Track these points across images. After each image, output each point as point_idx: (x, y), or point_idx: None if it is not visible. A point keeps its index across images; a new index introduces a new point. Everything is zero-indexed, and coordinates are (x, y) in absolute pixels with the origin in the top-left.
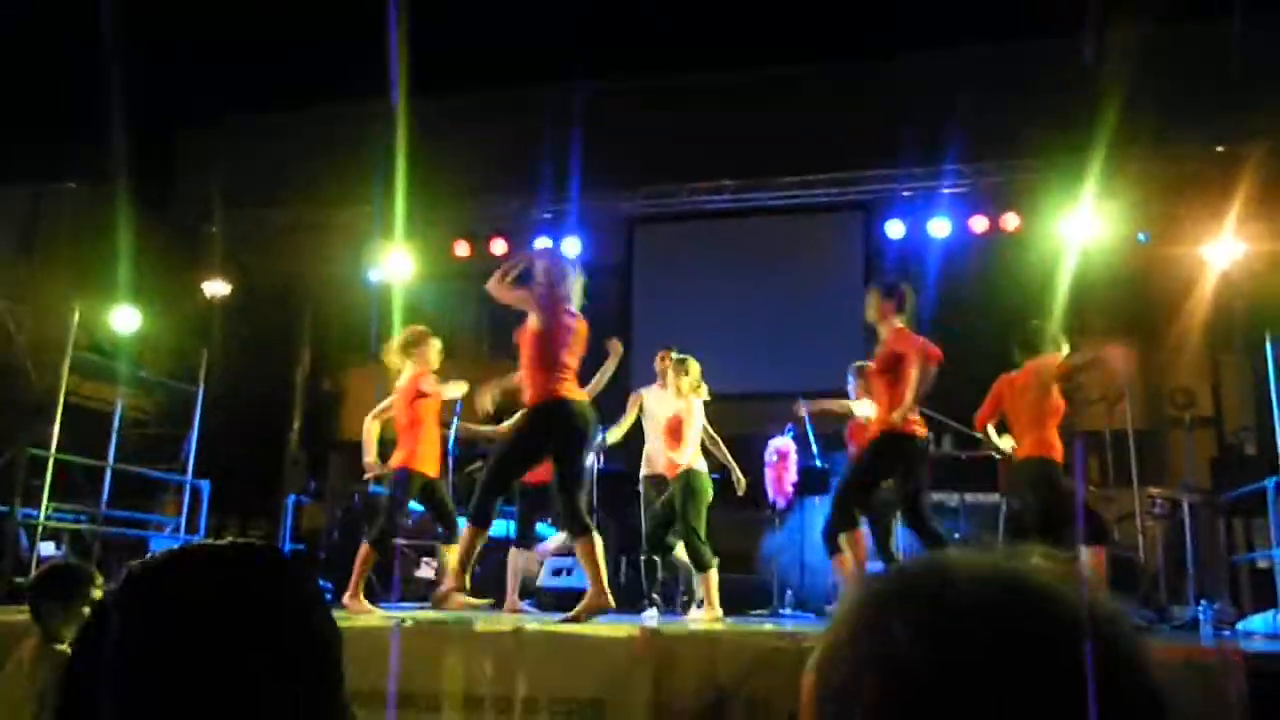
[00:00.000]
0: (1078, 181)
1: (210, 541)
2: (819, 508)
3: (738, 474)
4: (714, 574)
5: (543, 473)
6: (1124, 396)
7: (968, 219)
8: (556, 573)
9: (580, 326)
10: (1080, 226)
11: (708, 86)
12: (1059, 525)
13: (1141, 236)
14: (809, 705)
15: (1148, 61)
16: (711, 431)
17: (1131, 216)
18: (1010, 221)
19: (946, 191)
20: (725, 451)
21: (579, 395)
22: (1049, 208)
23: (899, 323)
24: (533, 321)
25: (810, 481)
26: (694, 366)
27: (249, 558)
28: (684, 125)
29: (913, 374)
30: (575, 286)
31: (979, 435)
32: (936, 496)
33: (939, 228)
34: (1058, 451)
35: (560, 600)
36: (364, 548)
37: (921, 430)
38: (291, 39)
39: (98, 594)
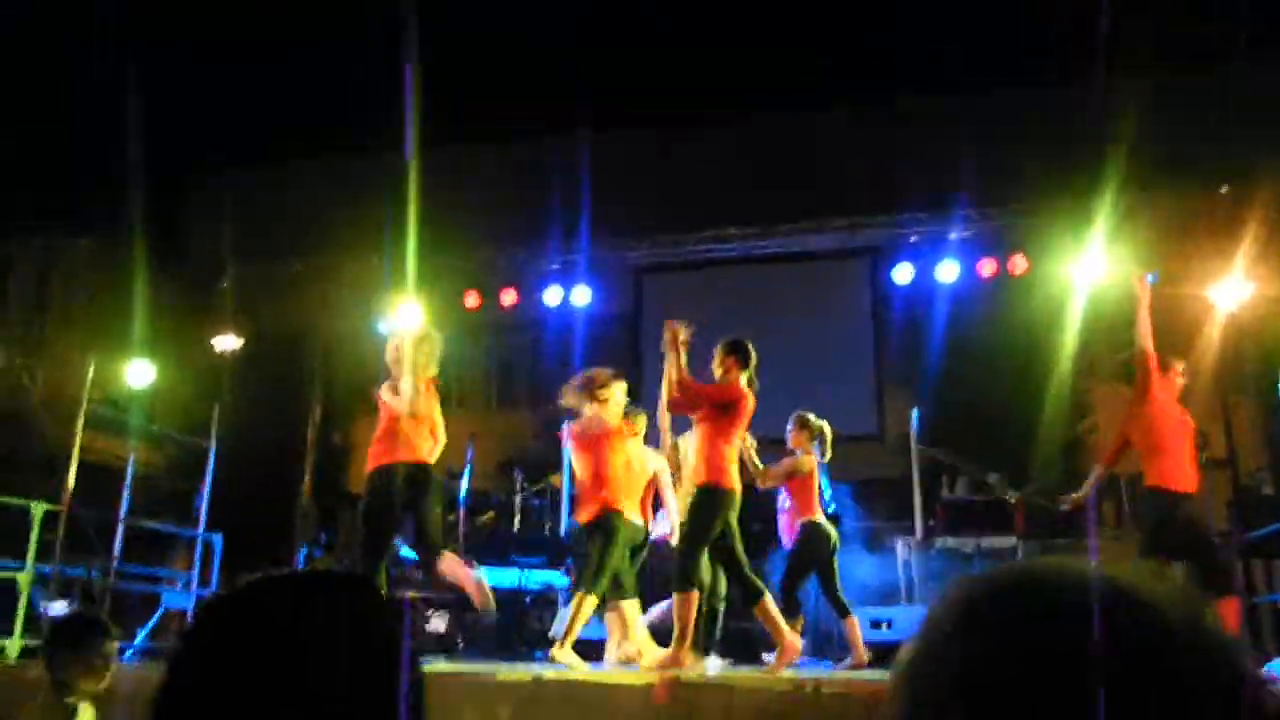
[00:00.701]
0: (1085, 224)
1: (298, 570)
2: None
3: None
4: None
5: None
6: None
7: (975, 263)
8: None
9: None
10: (1088, 269)
11: (714, 135)
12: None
13: (1150, 277)
14: (900, 699)
15: (1154, 104)
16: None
17: (1140, 258)
18: (1018, 265)
19: (953, 236)
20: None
21: None
22: (1057, 251)
23: (739, 379)
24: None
25: None
26: (641, 420)
27: (340, 586)
28: (691, 174)
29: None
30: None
31: (990, 480)
32: (953, 543)
33: (947, 272)
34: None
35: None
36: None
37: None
38: (300, 92)
39: (112, 646)
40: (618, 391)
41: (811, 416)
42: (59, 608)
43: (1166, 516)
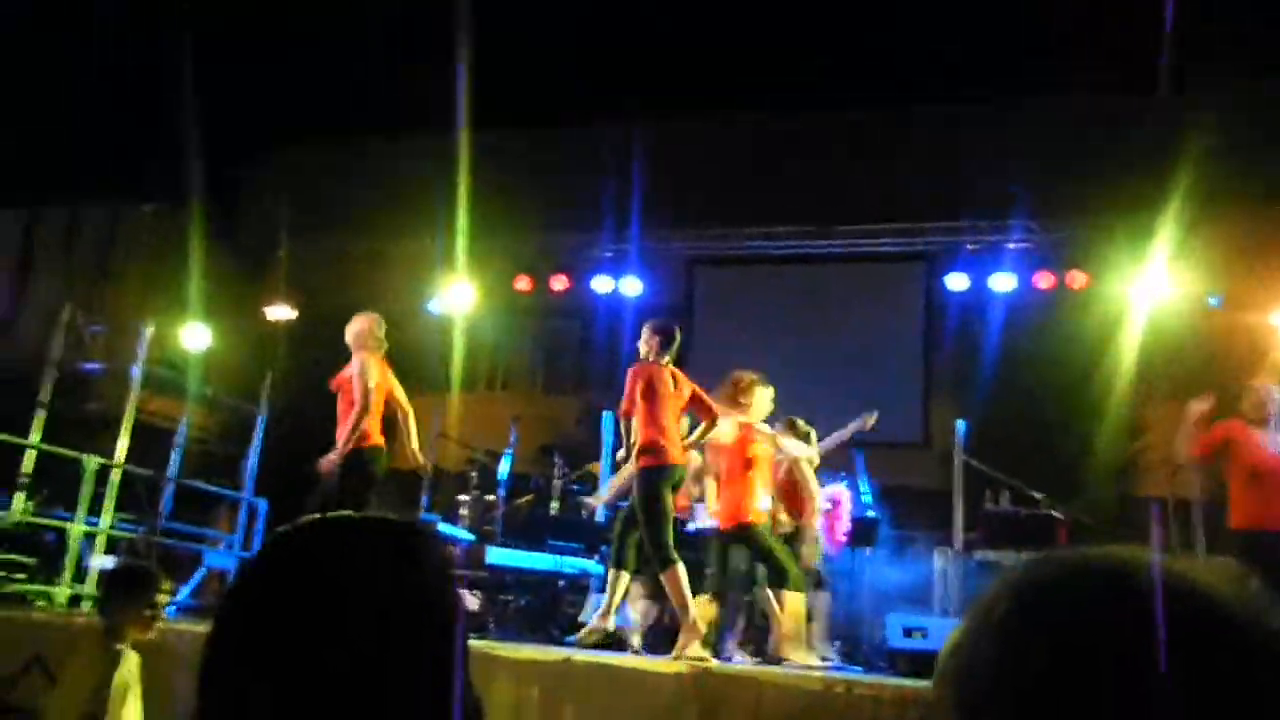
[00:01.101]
0: (1147, 241)
1: (354, 514)
2: (870, 558)
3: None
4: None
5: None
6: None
7: (1032, 275)
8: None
9: None
10: (1149, 287)
11: (773, 130)
12: None
13: (1213, 300)
14: (946, 690)
15: (1224, 117)
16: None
17: (1203, 278)
18: (1076, 279)
19: (1011, 246)
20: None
21: None
22: (1117, 267)
23: (661, 360)
24: None
25: (862, 531)
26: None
27: (395, 531)
28: (748, 169)
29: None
30: None
31: (1036, 494)
32: (993, 556)
33: (1002, 282)
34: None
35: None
36: None
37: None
38: (359, 70)
39: (163, 598)
40: (762, 396)
41: (800, 421)
42: (106, 561)
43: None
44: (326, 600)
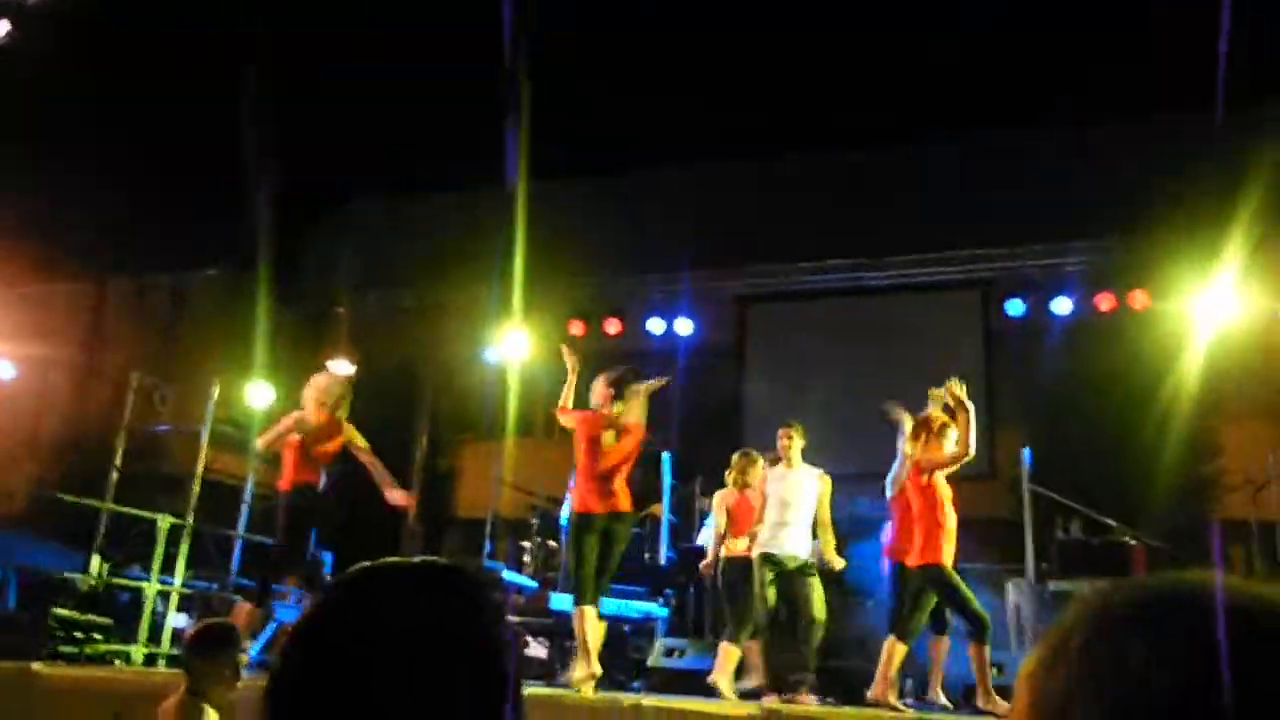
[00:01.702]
0: (1210, 258)
1: (406, 560)
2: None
3: None
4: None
5: None
6: (1269, 482)
7: (1092, 297)
8: (668, 653)
9: None
10: (1215, 304)
11: (821, 164)
12: None
13: None
14: (1025, 714)
15: None
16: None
17: (1271, 294)
18: (1138, 300)
19: (1070, 269)
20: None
21: None
22: (1179, 286)
23: (612, 409)
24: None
25: None
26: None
27: (446, 579)
28: (797, 204)
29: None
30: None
31: (1109, 520)
32: (1067, 585)
33: (1062, 305)
34: None
35: (671, 681)
36: None
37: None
38: (411, 130)
39: (243, 657)
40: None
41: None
42: (182, 620)
43: None
44: (381, 642)
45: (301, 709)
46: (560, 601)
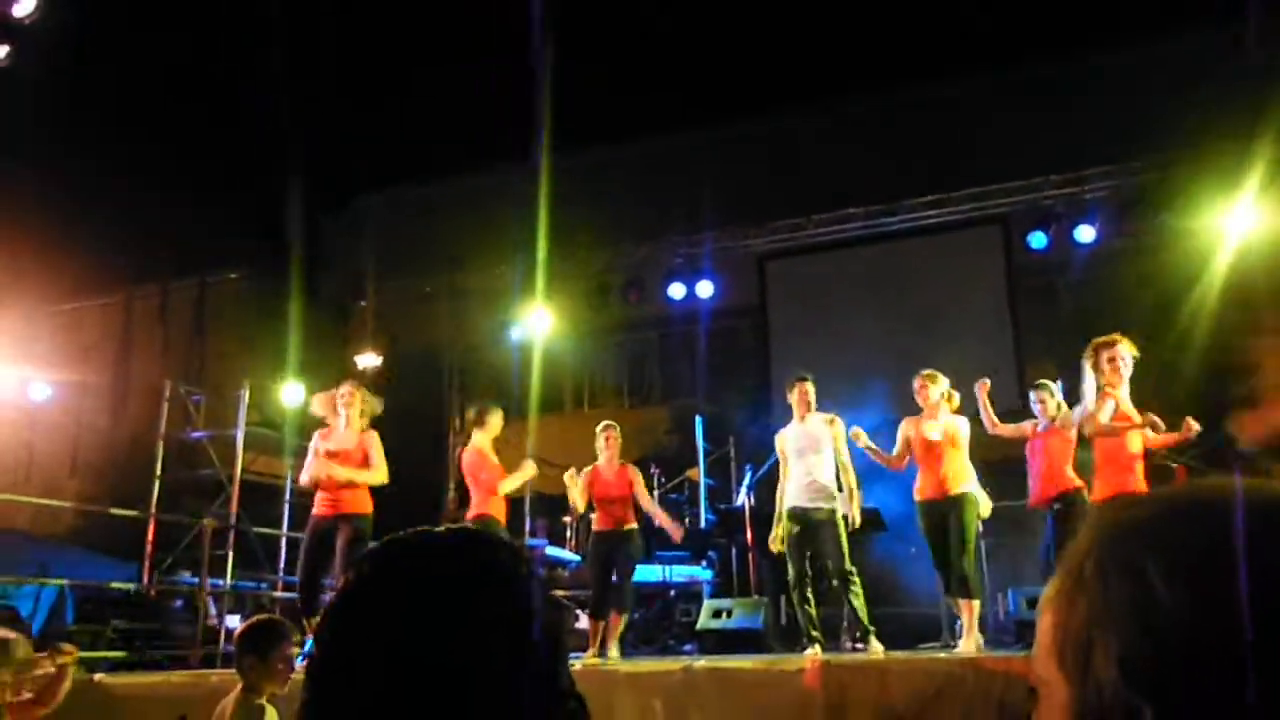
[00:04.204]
0: (1235, 176)
1: (432, 529)
2: (980, 532)
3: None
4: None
5: None
6: None
7: (1115, 222)
8: (716, 615)
9: None
10: (1240, 221)
11: (831, 115)
12: None
13: None
14: (1046, 642)
15: None
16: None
17: None
18: (1164, 220)
19: (1089, 196)
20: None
21: None
22: (1204, 205)
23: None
24: None
25: None
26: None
27: (475, 545)
28: (808, 157)
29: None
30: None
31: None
32: None
33: (1085, 234)
34: None
35: (722, 641)
36: None
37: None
38: (425, 115)
39: (294, 650)
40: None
41: None
42: (235, 620)
43: None
44: (412, 612)
45: (337, 685)
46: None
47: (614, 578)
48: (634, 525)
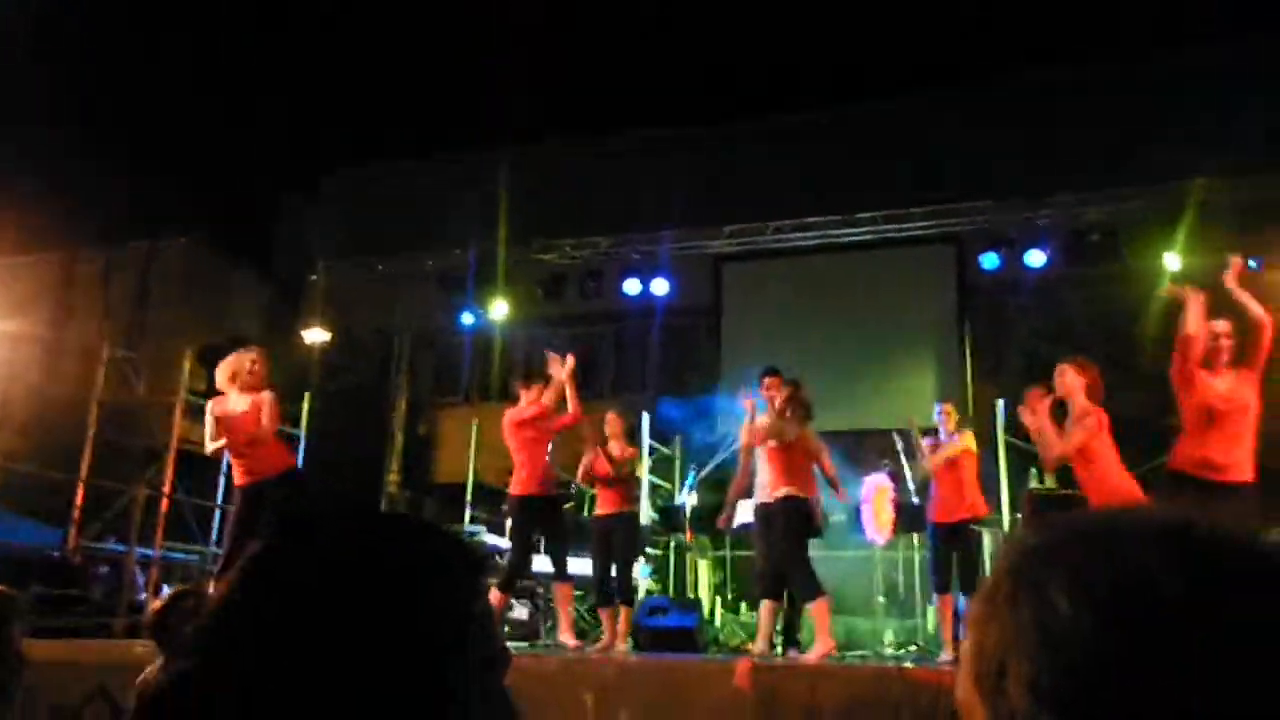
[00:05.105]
0: (1177, 209)
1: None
2: (920, 545)
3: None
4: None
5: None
6: None
7: (1065, 249)
8: (651, 613)
9: None
10: (1179, 252)
11: (794, 122)
12: None
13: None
14: (965, 666)
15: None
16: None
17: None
18: (1111, 252)
19: (1042, 222)
20: None
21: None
22: (1149, 236)
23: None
24: None
25: (907, 519)
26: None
27: (398, 524)
28: (771, 162)
29: None
30: None
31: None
32: None
33: (1035, 258)
34: None
35: (656, 639)
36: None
37: None
38: (384, 94)
39: None
40: None
41: None
42: (164, 591)
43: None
44: (311, 583)
45: (238, 633)
46: (542, 563)
47: (616, 565)
48: (634, 509)
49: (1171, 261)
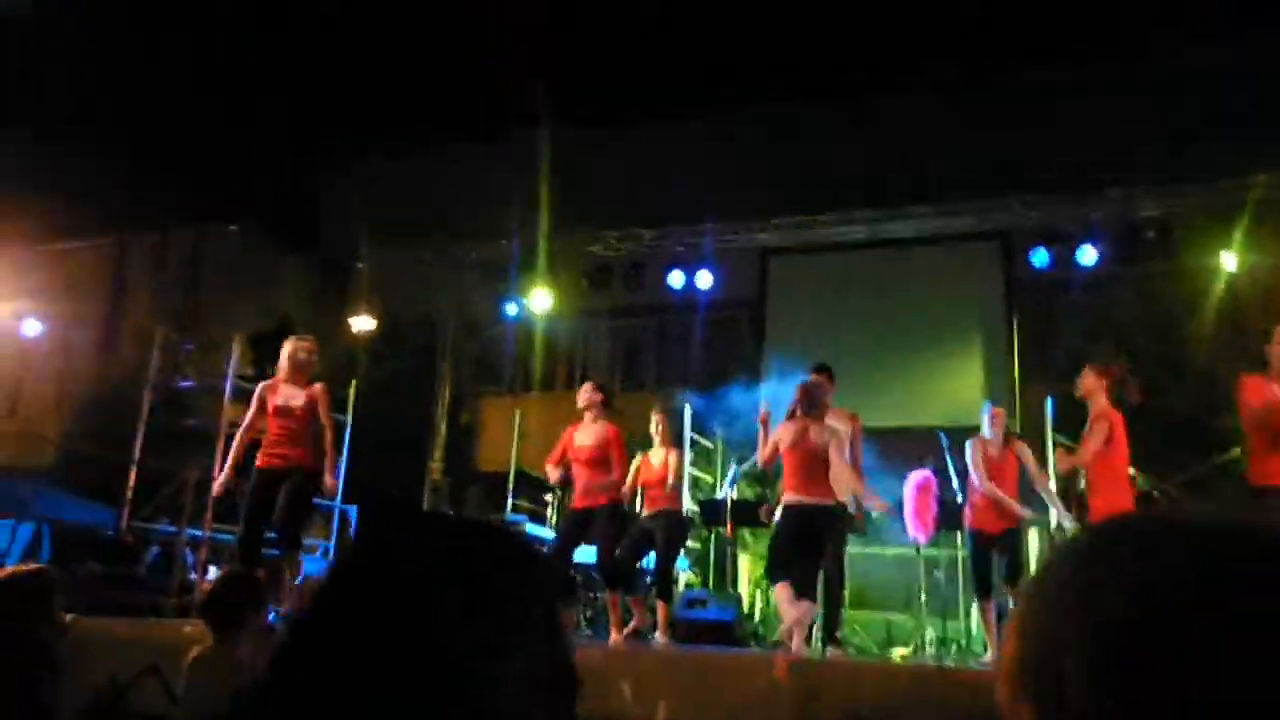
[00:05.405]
0: (1236, 208)
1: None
2: (960, 545)
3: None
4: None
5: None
6: None
7: (1116, 246)
8: (690, 605)
9: None
10: (1234, 252)
11: (844, 114)
12: None
13: None
14: (1010, 670)
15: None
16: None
17: None
18: (1165, 250)
19: (1095, 217)
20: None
21: None
22: (1204, 235)
23: None
24: None
25: (950, 517)
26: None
27: (487, 534)
28: (818, 155)
29: None
30: None
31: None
32: None
33: (1087, 255)
34: None
35: (695, 632)
36: None
37: None
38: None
39: (265, 609)
40: None
41: None
42: (213, 572)
43: None
44: (401, 589)
45: (313, 658)
46: (583, 554)
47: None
48: (679, 506)
49: (1228, 260)
